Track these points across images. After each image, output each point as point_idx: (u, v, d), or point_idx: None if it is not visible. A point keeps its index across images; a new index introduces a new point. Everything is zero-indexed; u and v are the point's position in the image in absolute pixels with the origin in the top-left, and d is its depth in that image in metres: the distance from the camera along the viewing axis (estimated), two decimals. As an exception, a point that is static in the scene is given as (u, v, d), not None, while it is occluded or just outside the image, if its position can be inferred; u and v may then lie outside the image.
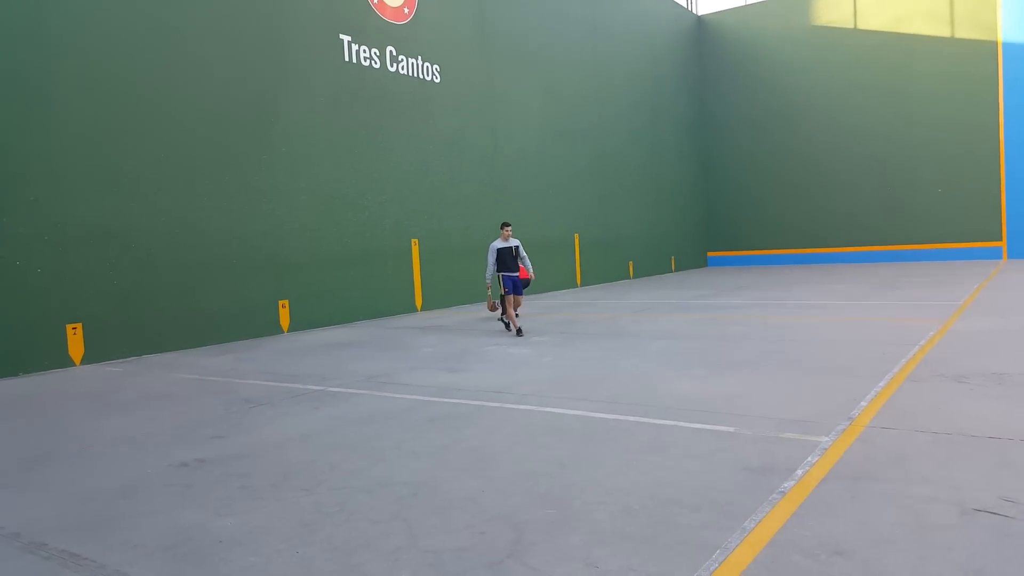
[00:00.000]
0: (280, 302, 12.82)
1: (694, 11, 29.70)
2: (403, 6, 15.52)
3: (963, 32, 24.39)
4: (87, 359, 10.15)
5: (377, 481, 4.40)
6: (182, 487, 4.49)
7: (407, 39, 15.60)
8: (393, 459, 4.85)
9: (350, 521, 3.77)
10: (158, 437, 5.80)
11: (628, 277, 24.02)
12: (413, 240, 15.67)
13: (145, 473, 4.82)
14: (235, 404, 6.94)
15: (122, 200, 10.64)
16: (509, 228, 11.18)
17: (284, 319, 12.88)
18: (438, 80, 16.40)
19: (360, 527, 3.68)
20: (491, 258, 11.10)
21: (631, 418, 5.62)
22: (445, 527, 3.62)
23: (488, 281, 11.15)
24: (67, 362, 9.96)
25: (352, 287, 14.25)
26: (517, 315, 12.05)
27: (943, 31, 24.69)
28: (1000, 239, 24.19)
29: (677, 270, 27.29)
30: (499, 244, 11.13)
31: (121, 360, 10.44)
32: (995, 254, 24.24)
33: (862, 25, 26.12)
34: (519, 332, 10.73)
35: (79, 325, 10.06)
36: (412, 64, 15.72)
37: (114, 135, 10.55)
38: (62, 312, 9.90)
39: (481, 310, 15.40)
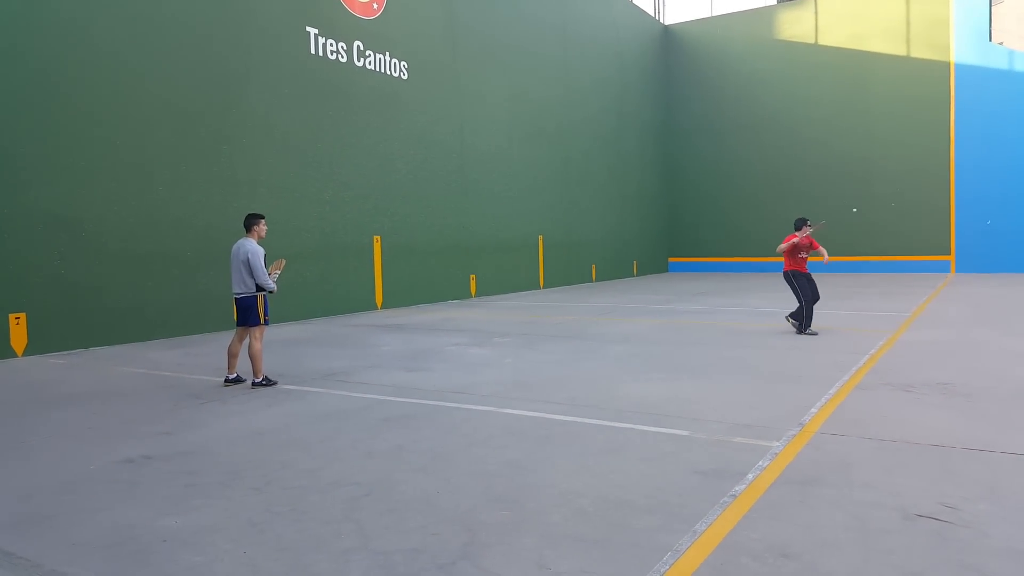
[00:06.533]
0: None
1: (661, 20, 30.03)
2: (372, 1, 15.39)
3: (918, 52, 25.09)
4: (30, 350, 9.82)
5: (330, 481, 4.34)
6: (127, 484, 4.37)
7: (375, 34, 15.46)
8: (347, 458, 4.79)
9: (300, 521, 3.71)
10: (103, 432, 5.63)
11: (591, 280, 24.16)
12: (375, 236, 15.52)
13: (88, 469, 4.68)
14: (184, 400, 6.78)
15: (75, 188, 10.32)
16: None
17: (240, 314, 12.62)
18: (406, 77, 16.28)
19: (310, 528, 3.62)
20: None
21: (588, 420, 5.64)
22: (398, 528, 3.58)
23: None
24: (8, 353, 9.61)
25: (310, 283, 14.03)
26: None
27: (899, 50, 25.38)
28: (949, 253, 24.94)
29: (639, 274, 27.54)
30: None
31: (66, 352, 10.13)
32: (944, 268, 25.00)
33: (823, 41, 26.71)
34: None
35: (23, 315, 9.73)
36: (380, 60, 15.59)
37: (67, 120, 10.23)
38: (4, 301, 9.56)
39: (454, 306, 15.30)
